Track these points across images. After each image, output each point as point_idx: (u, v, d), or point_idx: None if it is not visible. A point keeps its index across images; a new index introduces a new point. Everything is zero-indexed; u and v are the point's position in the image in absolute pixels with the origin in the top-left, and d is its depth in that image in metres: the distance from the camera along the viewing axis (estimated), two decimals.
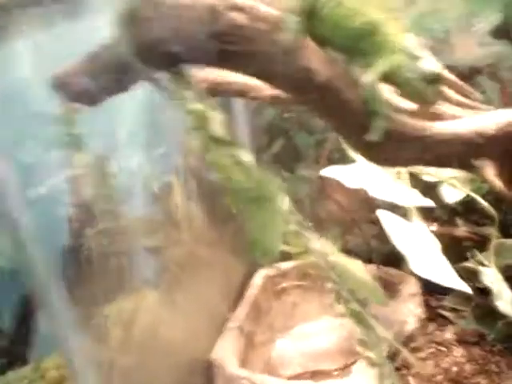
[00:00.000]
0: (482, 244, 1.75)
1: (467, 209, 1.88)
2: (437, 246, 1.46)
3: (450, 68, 1.79)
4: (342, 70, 0.83)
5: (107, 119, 1.51)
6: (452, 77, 0.94)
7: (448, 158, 0.95)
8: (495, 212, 1.66)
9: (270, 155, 2.04)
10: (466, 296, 1.71)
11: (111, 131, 1.55)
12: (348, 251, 2.17)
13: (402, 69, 0.86)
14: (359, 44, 0.84)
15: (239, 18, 0.68)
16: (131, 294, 1.63)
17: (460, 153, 0.93)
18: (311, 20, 0.80)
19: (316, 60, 0.78)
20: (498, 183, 1.14)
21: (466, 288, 1.37)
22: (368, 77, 0.84)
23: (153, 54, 0.72)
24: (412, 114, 0.97)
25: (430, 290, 1.99)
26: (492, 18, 1.76)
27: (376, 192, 1.47)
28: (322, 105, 0.81)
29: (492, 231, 1.70)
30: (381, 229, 1.52)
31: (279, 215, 0.83)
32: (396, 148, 0.89)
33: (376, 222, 1.59)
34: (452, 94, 0.99)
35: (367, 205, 1.67)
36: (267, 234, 0.81)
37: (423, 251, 1.41)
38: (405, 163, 1.02)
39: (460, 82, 1.01)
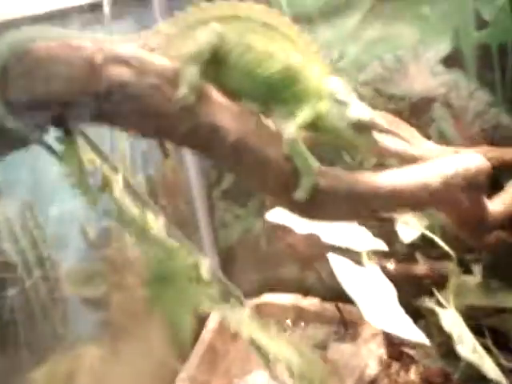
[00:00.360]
0: (441, 281, 1.67)
1: (427, 243, 1.81)
2: (392, 292, 1.37)
3: (403, 98, 1.74)
4: (258, 125, 0.72)
5: (33, 165, 1.40)
6: (384, 123, 0.84)
7: (388, 212, 0.86)
8: (454, 247, 1.57)
9: (219, 191, 1.93)
10: (429, 333, 1.62)
11: (38, 178, 1.43)
12: (306, 289, 2.08)
13: (327, 117, 0.76)
14: (278, 93, 0.73)
15: (123, 73, 0.57)
16: (67, 353, 1.49)
17: (400, 206, 0.84)
18: (217, 69, 0.69)
19: (225, 115, 0.67)
20: (451, 224, 1.06)
21: (423, 339, 1.28)
22: (290, 129, 0.73)
23: (27, 114, 0.61)
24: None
25: None
26: (443, 47, 1.70)
27: (327, 237, 1.37)
28: (238, 165, 0.70)
29: (451, 268, 1.61)
30: None
31: (192, 291, 0.72)
32: (328, 205, 0.79)
33: None
34: (386, 141, 0.89)
35: (321, 244, 1.57)
36: (177, 316, 0.70)
37: (377, 299, 1.31)
38: (340, 219, 0.93)
39: (394, 129, 0.91)
